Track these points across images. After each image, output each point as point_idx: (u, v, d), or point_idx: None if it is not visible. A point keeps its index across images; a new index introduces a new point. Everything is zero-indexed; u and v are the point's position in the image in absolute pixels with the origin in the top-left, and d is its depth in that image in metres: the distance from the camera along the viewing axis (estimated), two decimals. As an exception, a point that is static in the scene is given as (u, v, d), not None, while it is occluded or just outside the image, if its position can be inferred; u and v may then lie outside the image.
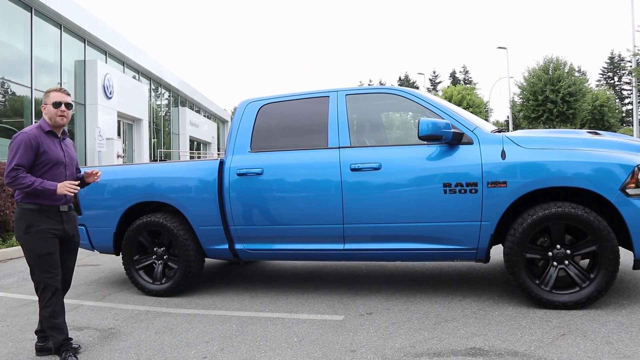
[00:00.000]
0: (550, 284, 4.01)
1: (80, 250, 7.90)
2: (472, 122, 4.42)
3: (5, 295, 5.34)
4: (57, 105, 3.55)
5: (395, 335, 3.66)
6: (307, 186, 4.58)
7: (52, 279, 3.47)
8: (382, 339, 3.59)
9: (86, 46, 19.15)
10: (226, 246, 4.89)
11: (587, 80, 44.36)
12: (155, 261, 5.13)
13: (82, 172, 3.87)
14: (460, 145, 4.25)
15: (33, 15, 15.70)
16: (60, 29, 17.37)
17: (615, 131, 39.95)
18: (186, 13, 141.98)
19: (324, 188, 4.51)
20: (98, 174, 3.81)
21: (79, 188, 3.52)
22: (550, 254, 4.04)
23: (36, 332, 3.70)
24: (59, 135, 3.65)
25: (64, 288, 3.71)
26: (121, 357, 3.50)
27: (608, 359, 3.05)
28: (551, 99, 39.29)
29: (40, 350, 3.65)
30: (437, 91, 68.67)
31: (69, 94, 3.68)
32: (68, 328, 3.95)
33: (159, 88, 28.77)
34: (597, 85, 60.58)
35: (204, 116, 38.09)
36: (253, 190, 4.71)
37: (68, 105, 3.61)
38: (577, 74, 42.77)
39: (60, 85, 17.01)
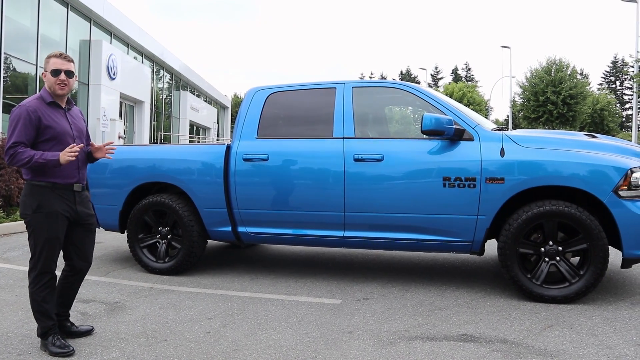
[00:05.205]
0: (541, 278, 4.17)
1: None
2: (474, 120, 4.56)
3: (12, 267, 5.48)
4: (55, 73, 3.21)
5: (390, 320, 3.82)
6: (310, 174, 4.72)
7: (52, 265, 3.26)
8: (377, 323, 3.75)
9: (92, 26, 19.15)
10: (229, 229, 5.03)
11: (589, 84, 44.57)
12: (159, 240, 5.26)
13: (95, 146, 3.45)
14: (461, 141, 4.39)
15: (40, -8, 15.72)
16: (67, 8, 17.37)
17: (614, 135, 40.12)
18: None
19: (327, 176, 4.64)
20: (109, 150, 3.44)
21: (77, 152, 3.15)
22: (542, 249, 4.19)
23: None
24: (64, 105, 3.33)
25: (84, 271, 3.48)
26: (128, 329, 3.64)
27: (592, 349, 3.22)
28: (552, 100, 39.43)
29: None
30: (438, 87, 68.65)
31: (71, 60, 3.29)
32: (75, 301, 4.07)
33: (161, 71, 28.74)
34: (598, 89, 60.82)
35: (205, 101, 38.06)
36: (258, 175, 4.85)
37: (69, 74, 3.24)
38: (579, 76, 43.00)
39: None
